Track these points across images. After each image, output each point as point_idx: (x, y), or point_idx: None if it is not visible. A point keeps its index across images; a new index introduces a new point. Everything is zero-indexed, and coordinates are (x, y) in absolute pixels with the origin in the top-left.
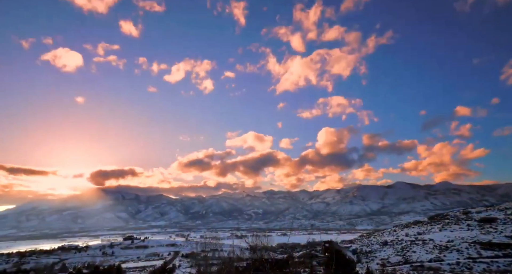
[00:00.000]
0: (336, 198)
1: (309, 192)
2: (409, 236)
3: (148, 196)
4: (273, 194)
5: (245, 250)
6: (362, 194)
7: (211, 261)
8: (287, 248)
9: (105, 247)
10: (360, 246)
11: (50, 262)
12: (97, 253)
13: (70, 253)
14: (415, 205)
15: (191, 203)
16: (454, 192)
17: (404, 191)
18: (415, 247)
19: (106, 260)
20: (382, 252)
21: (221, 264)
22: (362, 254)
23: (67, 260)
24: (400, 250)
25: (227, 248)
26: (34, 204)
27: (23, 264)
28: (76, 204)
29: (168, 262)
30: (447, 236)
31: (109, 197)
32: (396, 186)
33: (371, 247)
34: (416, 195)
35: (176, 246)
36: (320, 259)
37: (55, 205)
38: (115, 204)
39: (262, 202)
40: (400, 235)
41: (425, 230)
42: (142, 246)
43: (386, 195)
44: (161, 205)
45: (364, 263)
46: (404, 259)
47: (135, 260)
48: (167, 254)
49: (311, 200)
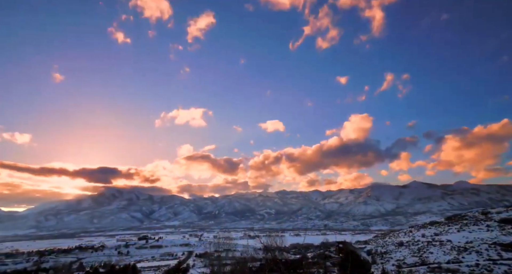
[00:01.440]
0: (349, 198)
1: (322, 192)
2: (425, 237)
3: (162, 196)
4: (286, 194)
5: (258, 250)
6: (376, 194)
7: (224, 261)
8: (301, 248)
9: (121, 246)
10: (375, 246)
11: (68, 261)
12: (113, 252)
13: (87, 252)
14: (431, 205)
15: (203, 203)
16: (473, 192)
17: (420, 191)
18: (432, 248)
19: (121, 260)
20: (397, 253)
21: (235, 264)
22: (377, 255)
23: (84, 259)
24: (417, 251)
25: (240, 248)
26: (52, 205)
27: (42, 263)
28: (92, 204)
29: (182, 262)
30: (466, 237)
31: (124, 197)
32: (411, 185)
33: (386, 248)
34: (432, 195)
35: (189, 246)
36: (334, 259)
37: (72, 205)
38: (129, 204)
39: (275, 202)
40: (416, 235)
41: (442, 230)
42: (157, 246)
43: (401, 195)
44: (175, 205)
45: (379, 264)
46: (420, 260)
47: (149, 260)
48: (181, 254)
49: (324, 200)
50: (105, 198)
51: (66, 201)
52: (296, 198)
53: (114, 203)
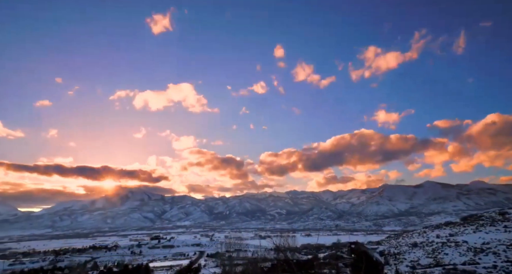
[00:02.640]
0: (361, 198)
1: (333, 192)
2: (440, 238)
3: (173, 196)
4: (297, 194)
5: (269, 250)
6: (388, 194)
7: (235, 261)
8: (312, 249)
9: (134, 246)
10: (387, 247)
11: (82, 260)
12: (126, 252)
13: (101, 252)
14: (446, 206)
15: (215, 203)
16: (489, 191)
17: (434, 190)
18: (447, 249)
19: (134, 259)
20: (411, 254)
21: (246, 264)
22: (390, 256)
23: (98, 258)
24: (431, 252)
25: (251, 249)
26: (67, 205)
27: (58, 262)
28: (105, 205)
29: (194, 262)
30: (482, 238)
31: (136, 197)
32: (425, 185)
33: (399, 249)
34: (447, 195)
35: (201, 246)
36: (346, 260)
37: (86, 205)
38: (141, 205)
39: (285, 203)
40: (431, 236)
41: (457, 231)
42: (169, 246)
43: (415, 195)
44: (186, 206)
45: (393, 265)
46: (435, 262)
47: (162, 260)
48: (193, 254)
49: (336, 200)
50: (117, 198)
51: (80, 201)
52: (307, 198)
53: (126, 204)
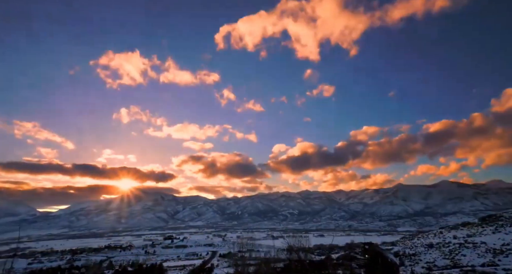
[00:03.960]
0: (374, 198)
1: (346, 192)
2: (457, 239)
3: (186, 197)
4: (309, 194)
5: (282, 251)
6: (402, 194)
7: (248, 261)
8: (325, 249)
9: (147, 246)
10: (402, 248)
11: (98, 259)
12: (140, 252)
13: (115, 251)
14: (463, 206)
15: (226, 203)
16: (509, 191)
17: (450, 190)
18: (465, 250)
19: (148, 259)
20: (427, 255)
21: (259, 264)
22: (405, 257)
23: (113, 258)
24: (448, 253)
25: (264, 249)
26: (83, 205)
27: (75, 261)
28: (119, 205)
29: (207, 262)
30: (502, 239)
31: (149, 198)
32: (440, 185)
33: (415, 250)
34: (464, 195)
35: (213, 246)
36: (359, 261)
37: (101, 205)
38: (154, 205)
39: (298, 203)
40: (447, 237)
41: (475, 232)
42: (182, 246)
43: (430, 195)
44: (198, 206)
45: (408, 266)
46: (452, 263)
47: (175, 259)
48: (205, 254)
49: (348, 200)
50: (131, 199)
51: (95, 202)
52: (319, 198)
53: (140, 204)
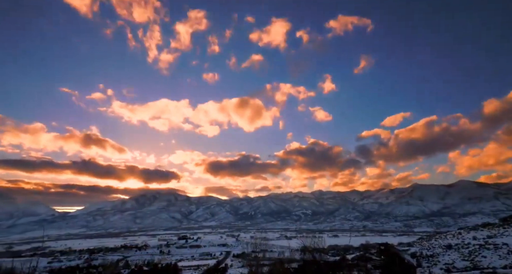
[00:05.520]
0: (390, 198)
1: (360, 192)
2: (477, 240)
3: (199, 197)
4: (322, 194)
5: (296, 251)
6: (419, 194)
7: (262, 261)
8: (339, 250)
9: (162, 246)
10: (419, 249)
11: (115, 259)
12: (155, 251)
13: (131, 251)
14: (483, 206)
15: (239, 203)
16: None
17: (469, 190)
18: (485, 251)
19: (163, 258)
20: (445, 256)
21: (273, 265)
22: (423, 258)
23: (129, 257)
24: (467, 254)
25: (277, 249)
26: (99, 205)
27: (92, 260)
28: (134, 205)
29: (221, 262)
30: None
31: (163, 198)
32: (459, 184)
33: (432, 251)
34: (484, 195)
35: (227, 246)
36: (375, 262)
37: (117, 206)
38: (168, 205)
39: (311, 203)
40: (467, 238)
41: (496, 233)
42: (196, 246)
43: (448, 194)
44: (211, 206)
45: (425, 268)
46: (472, 265)
47: (189, 259)
48: (219, 254)
49: (363, 200)
50: (146, 199)
51: (111, 202)
52: (333, 198)
53: (154, 204)
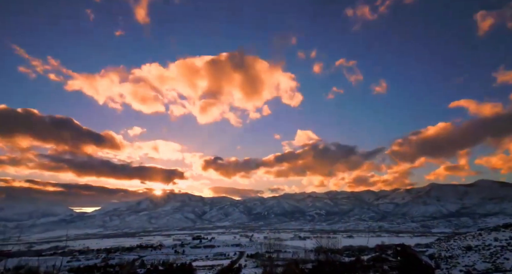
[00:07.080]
0: (406, 198)
1: (375, 192)
2: (499, 241)
3: (213, 197)
4: (336, 194)
5: (310, 251)
6: (436, 194)
7: (275, 262)
8: (354, 250)
9: (177, 246)
10: (438, 250)
11: (131, 258)
12: (170, 251)
13: (147, 251)
14: (505, 206)
15: (253, 204)
16: None
17: (490, 190)
18: (508, 253)
19: (178, 258)
20: (465, 258)
21: (287, 265)
22: (441, 260)
23: (145, 257)
24: (489, 256)
25: (291, 249)
26: (115, 205)
27: (109, 260)
28: (149, 205)
29: (235, 262)
30: None
31: (177, 198)
32: (479, 184)
33: (451, 252)
34: (507, 194)
35: (241, 246)
36: (392, 263)
37: (133, 206)
38: (182, 206)
39: (325, 203)
40: (487, 239)
41: None
42: (210, 246)
43: (467, 194)
44: (225, 206)
45: (444, 270)
46: (494, 267)
47: (203, 259)
48: (233, 254)
49: (378, 200)
50: (160, 199)
51: (127, 203)
52: (347, 198)
53: (168, 204)
